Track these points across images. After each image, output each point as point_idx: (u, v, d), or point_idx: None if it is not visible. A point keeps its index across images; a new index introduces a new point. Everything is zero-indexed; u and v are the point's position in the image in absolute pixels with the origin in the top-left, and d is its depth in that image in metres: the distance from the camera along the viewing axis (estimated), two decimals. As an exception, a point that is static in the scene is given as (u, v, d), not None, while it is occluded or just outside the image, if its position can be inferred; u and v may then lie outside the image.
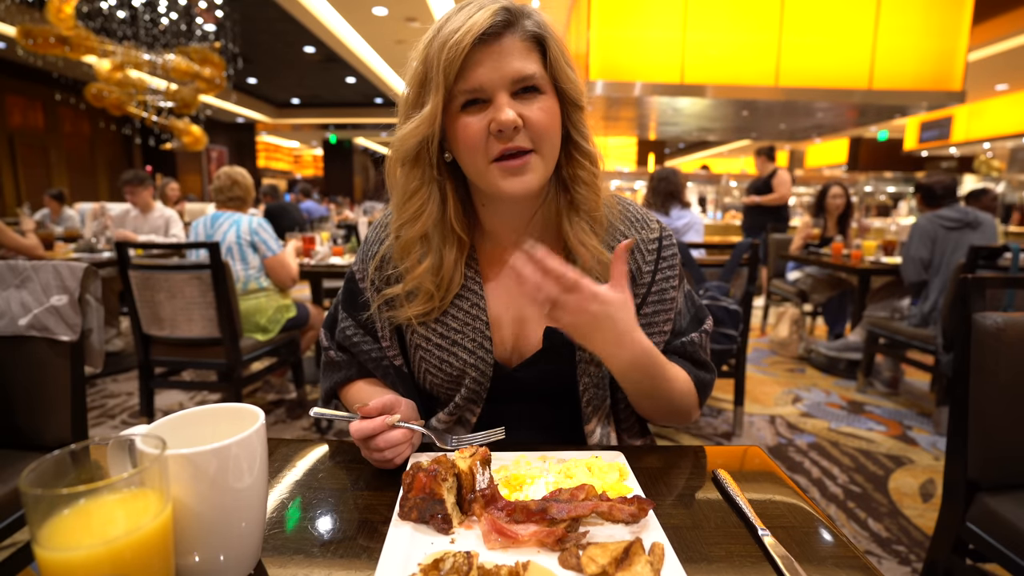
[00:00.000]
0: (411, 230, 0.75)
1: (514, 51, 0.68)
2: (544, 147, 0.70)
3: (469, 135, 0.69)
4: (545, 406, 0.84)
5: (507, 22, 0.68)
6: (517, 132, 0.68)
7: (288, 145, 18.77)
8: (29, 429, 1.20)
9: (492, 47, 0.67)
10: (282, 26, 7.85)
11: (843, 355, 3.53)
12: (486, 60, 0.67)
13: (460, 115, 0.69)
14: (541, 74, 0.69)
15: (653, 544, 0.51)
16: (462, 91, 0.68)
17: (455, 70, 0.66)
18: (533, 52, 0.69)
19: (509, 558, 0.50)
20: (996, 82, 8.92)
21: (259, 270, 2.58)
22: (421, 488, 0.55)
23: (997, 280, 1.23)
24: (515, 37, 0.68)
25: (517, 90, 0.69)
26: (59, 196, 5.35)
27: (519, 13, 0.69)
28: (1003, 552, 1.06)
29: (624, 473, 0.66)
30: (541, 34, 0.70)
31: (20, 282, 1.20)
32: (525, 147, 0.69)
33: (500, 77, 0.67)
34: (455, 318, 0.79)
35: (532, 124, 0.68)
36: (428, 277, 0.76)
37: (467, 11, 0.67)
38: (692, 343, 0.84)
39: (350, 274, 0.87)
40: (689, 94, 4.96)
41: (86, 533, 0.39)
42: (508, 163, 0.69)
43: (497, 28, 0.67)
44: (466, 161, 0.72)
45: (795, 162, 15.28)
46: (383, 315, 0.81)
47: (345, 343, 0.86)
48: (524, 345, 0.81)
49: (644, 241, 0.81)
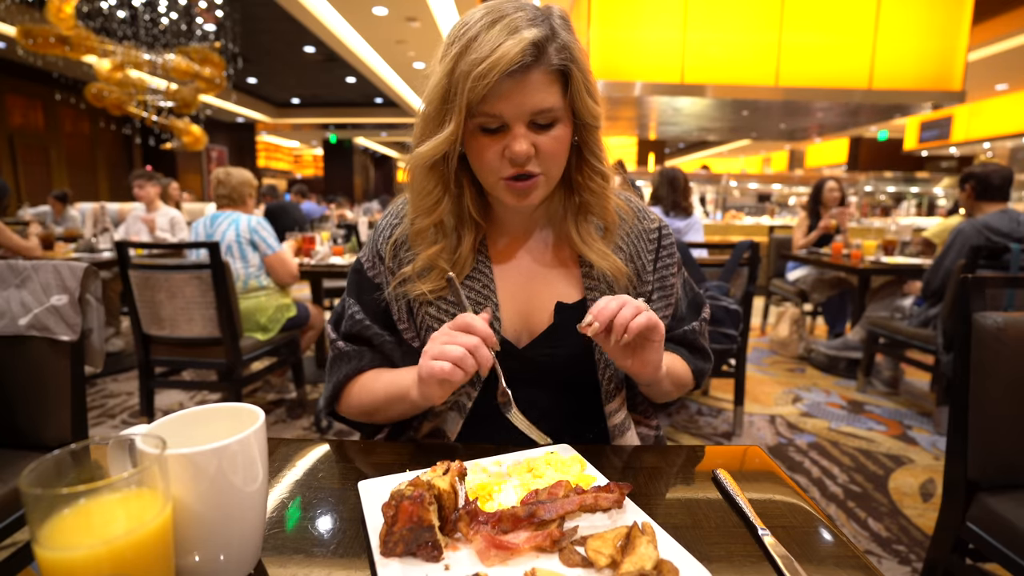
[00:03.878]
0: (426, 220, 0.78)
1: (539, 86, 0.69)
2: (552, 170, 0.74)
3: (484, 156, 0.72)
4: (556, 392, 0.84)
5: (535, 56, 0.67)
6: (529, 160, 0.71)
7: (288, 145, 18.77)
8: (29, 429, 1.20)
9: (517, 80, 0.67)
10: (282, 26, 7.84)
11: (843, 354, 3.53)
12: (510, 94, 0.68)
13: (477, 134, 0.72)
14: (560, 105, 0.71)
15: (643, 524, 0.52)
16: (482, 113, 0.69)
17: (478, 99, 0.67)
18: (556, 84, 0.70)
19: (510, 571, 0.49)
20: (996, 82, 8.91)
21: (259, 268, 2.58)
22: (408, 518, 0.50)
23: (997, 280, 1.22)
24: (541, 70, 0.68)
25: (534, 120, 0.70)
26: (63, 197, 5.36)
27: (547, 41, 0.68)
28: (1003, 552, 1.06)
29: (583, 463, 0.66)
30: (567, 67, 0.70)
31: (20, 282, 1.20)
32: (534, 172, 0.72)
33: (521, 112, 0.69)
34: (466, 297, 0.80)
35: (543, 152, 0.72)
36: (443, 257, 0.79)
37: (497, 34, 0.66)
38: (693, 331, 0.90)
39: (357, 264, 0.88)
40: (689, 94, 4.96)
41: (86, 533, 0.39)
42: (516, 184, 0.73)
43: (526, 62, 0.67)
44: (478, 172, 0.76)
45: (795, 162, 15.28)
46: (397, 292, 0.82)
47: (354, 328, 0.85)
48: (533, 323, 0.82)
49: (645, 231, 0.86)
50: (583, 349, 0.81)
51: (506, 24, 0.67)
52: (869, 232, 5.64)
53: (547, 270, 0.84)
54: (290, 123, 15.15)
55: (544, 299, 0.82)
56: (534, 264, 0.84)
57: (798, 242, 4.06)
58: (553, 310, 0.81)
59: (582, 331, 0.67)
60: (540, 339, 0.81)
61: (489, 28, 0.67)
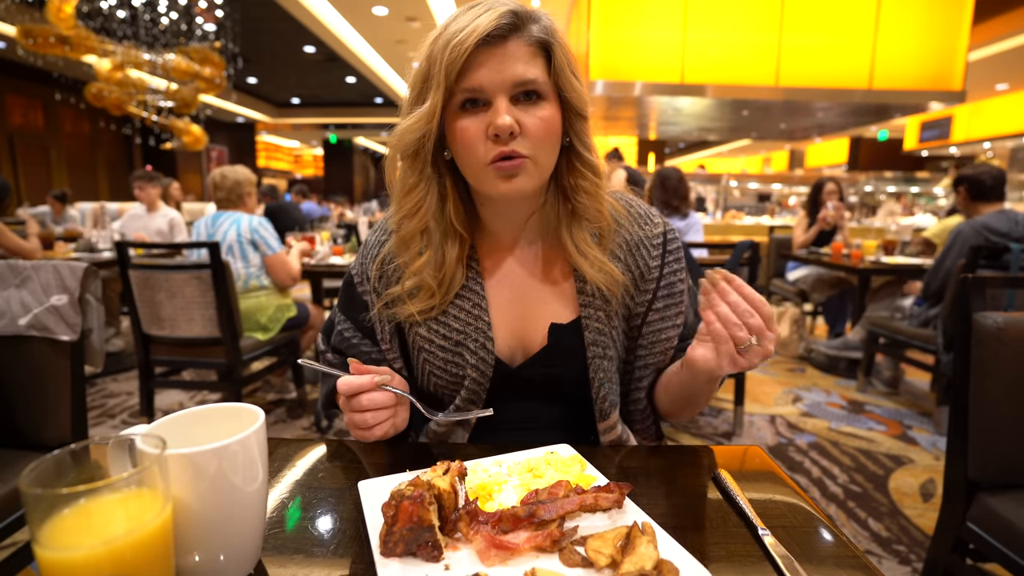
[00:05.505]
0: (410, 224, 0.76)
1: (518, 55, 0.67)
2: (540, 154, 0.70)
3: (467, 136, 0.69)
4: (555, 406, 0.83)
5: (513, 25, 0.67)
6: (513, 138, 0.68)
7: (288, 145, 18.76)
8: (29, 429, 1.20)
9: (496, 49, 0.67)
10: (282, 26, 7.84)
11: (843, 354, 3.53)
12: (488, 62, 0.67)
13: (459, 115, 0.70)
14: (544, 80, 0.69)
15: (643, 524, 0.51)
16: (462, 89, 0.68)
17: (456, 69, 0.66)
18: (538, 58, 0.69)
19: (510, 571, 0.49)
20: (996, 82, 8.92)
21: (259, 268, 2.58)
22: (408, 518, 0.50)
23: (997, 280, 1.22)
24: (520, 41, 0.68)
25: (518, 95, 0.69)
26: (62, 197, 5.37)
27: (527, 17, 0.69)
28: (1003, 552, 1.06)
29: (583, 463, 0.66)
30: (547, 40, 0.69)
31: (20, 282, 1.20)
32: (521, 152, 0.69)
33: (501, 80, 0.67)
34: (456, 318, 0.78)
35: (529, 131, 0.69)
36: (429, 272, 0.76)
37: (474, 12, 0.67)
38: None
39: (348, 277, 0.86)
40: (689, 94, 4.96)
41: (86, 533, 0.39)
42: (502, 164, 0.69)
43: (502, 31, 0.66)
44: (463, 162, 0.72)
45: (795, 162, 15.29)
46: (384, 314, 0.80)
47: (342, 346, 0.85)
48: (528, 343, 0.80)
49: (649, 237, 0.81)
50: (580, 368, 0.79)
51: (484, 5, 0.68)
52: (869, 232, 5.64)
53: (540, 285, 0.81)
54: (290, 123, 15.15)
55: (538, 317, 0.80)
56: (527, 279, 0.81)
57: (797, 240, 4.07)
58: (547, 331, 0.79)
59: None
60: (535, 359, 0.79)
61: (467, 11, 0.68)
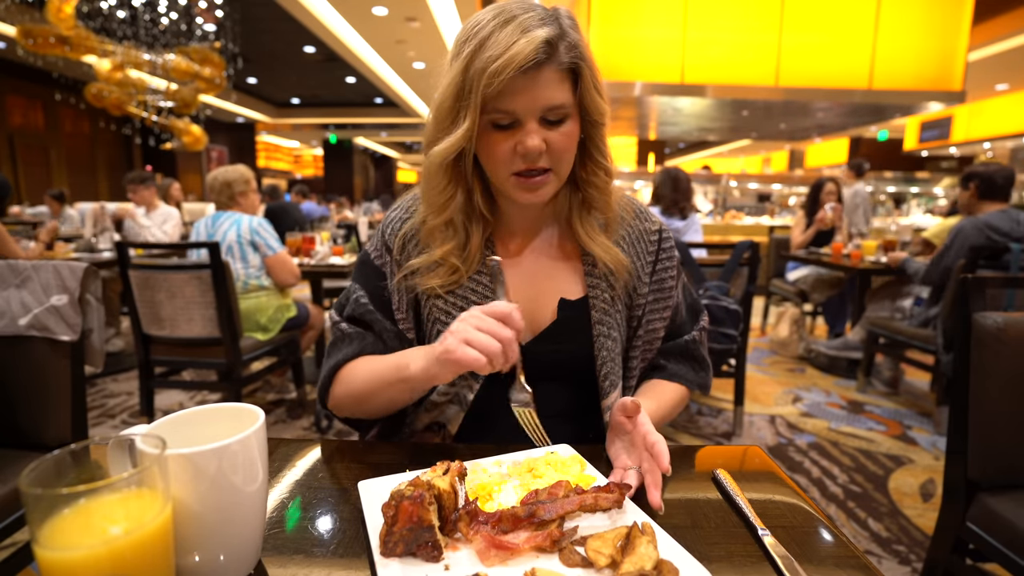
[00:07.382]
0: (438, 218, 0.79)
1: (550, 82, 0.70)
2: (561, 167, 0.76)
3: (496, 152, 0.74)
4: (560, 387, 0.85)
5: (547, 54, 0.69)
6: (540, 156, 0.73)
7: (288, 145, 18.76)
8: (29, 429, 1.20)
9: (530, 76, 0.69)
10: (282, 26, 7.84)
11: (843, 354, 3.53)
12: (523, 90, 0.70)
13: (489, 131, 0.73)
14: (570, 102, 0.73)
15: (643, 524, 0.52)
16: (495, 110, 0.71)
17: (493, 96, 0.69)
18: (566, 81, 0.72)
19: (510, 571, 0.49)
20: (996, 82, 8.91)
21: (259, 269, 2.58)
22: (408, 518, 0.50)
23: (997, 280, 1.22)
24: (552, 67, 0.70)
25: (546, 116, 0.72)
26: (60, 196, 5.36)
27: (558, 39, 0.70)
28: (1003, 552, 1.06)
29: (583, 463, 0.66)
30: (578, 65, 0.72)
31: (20, 282, 1.20)
32: (545, 167, 0.74)
33: (533, 108, 0.71)
34: (474, 291, 0.81)
35: (554, 148, 0.73)
36: (455, 253, 0.80)
37: (511, 33, 0.68)
38: (694, 341, 0.93)
39: (364, 253, 0.89)
40: (689, 94, 4.95)
41: (86, 533, 0.39)
42: (527, 180, 0.74)
43: (539, 59, 0.69)
44: (489, 169, 0.77)
45: (795, 162, 15.30)
46: (403, 285, 0.83)
47: (358, 311, 0.85)
48: (538, 319, 0.83)
49: (646, 232, 0.88)
50: (586, 346, 0.82)
51: (518, 24, 0.69)
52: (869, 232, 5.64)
53: (551, 265, 0.86)
54: (290, 123, 15.15)
55: (548, 295, 0.84)
56: (539, 260, 0.86)
57: (795, 241, 4.07)
58: (556, 307, 0.83)
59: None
60: (543, 336, 0.82)
61: (502, 27, 0.69)
